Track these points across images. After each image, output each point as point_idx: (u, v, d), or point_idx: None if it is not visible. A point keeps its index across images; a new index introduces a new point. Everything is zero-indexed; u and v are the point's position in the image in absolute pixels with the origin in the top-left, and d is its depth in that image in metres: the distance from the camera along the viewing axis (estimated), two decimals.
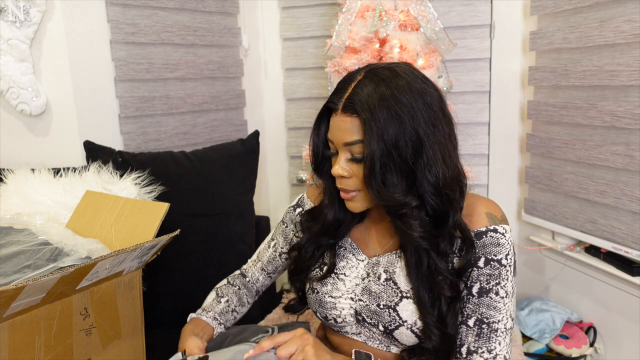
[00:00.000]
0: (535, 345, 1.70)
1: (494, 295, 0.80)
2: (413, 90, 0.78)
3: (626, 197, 1.50)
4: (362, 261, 0.92)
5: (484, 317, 0.80)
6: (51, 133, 1.62)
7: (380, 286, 0.86)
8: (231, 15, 2.02)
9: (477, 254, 0.81)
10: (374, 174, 0.78)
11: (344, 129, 0.80)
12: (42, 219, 1.13)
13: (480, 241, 0.81)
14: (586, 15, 1.59)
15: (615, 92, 1.52)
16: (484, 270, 0.81)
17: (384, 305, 0.84)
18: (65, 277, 0.80)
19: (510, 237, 0.83)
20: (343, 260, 0.93)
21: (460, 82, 1.91)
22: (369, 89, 0.78)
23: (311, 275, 0.95)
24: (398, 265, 0.86)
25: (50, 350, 0.86)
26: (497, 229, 0.82)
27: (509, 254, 0.82)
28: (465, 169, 1.86)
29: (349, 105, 0.79)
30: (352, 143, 0.80)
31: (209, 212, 1.55)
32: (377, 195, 0.79)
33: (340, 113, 0.80)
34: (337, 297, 0.90)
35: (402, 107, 0.77)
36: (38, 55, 1.56)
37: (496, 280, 0.80)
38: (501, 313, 0.80)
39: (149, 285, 1.15)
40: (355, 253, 0.93)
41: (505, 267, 0.81)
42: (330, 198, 0.93)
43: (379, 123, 0.76)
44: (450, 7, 1.89)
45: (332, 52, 1.70)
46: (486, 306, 0.80)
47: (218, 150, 1.67)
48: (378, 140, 0.76)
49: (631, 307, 1.56)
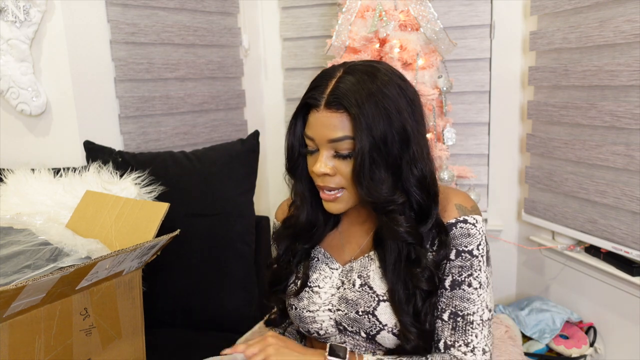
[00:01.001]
0: (535, 345, 1.70)
1: (467, 287, 0.79)
2: (395, 86, 0.78)
3: (626, 197, 1.50)
4: (336, 269, 0.90)
5: (457, 310, 0.79)
6: (51, 133, 1.62)
7: (356, 293, 0.85)
8: (231, 15, 2.02)
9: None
10: (364, 170, 0.76)
11: (328, 125, 0.78)
12: (42, 219, 1.13)
13: (451, 233, 0.81)
14: (586, 15, 1.59)
15: (615, 92, 1.52)
16: (455, 263, 0.80)
17: (362, 312, 0.83)
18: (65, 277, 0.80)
19: (481, 227, 0.82)
20: (316, 272, 0.91)
21: (460, 82, 1.91)
22: (353, 84, 0.76)
23: (287, 291, 0.93)
24: (371, 268, 0.85)
25: (50, 351, 0.86)
26: (466, 220, 0.81)
27: (480, 244, 0.81)
28: (465, 169, 1.86)
29: (334, 101, 0.77)
30: (339, 139, 0.77)
31: (209, 212, 1.55)
32: (366, 192, 0.78)
33: (323, 109, 0.78)
34: (315, 310, 0.88)
35: (389, 102, 0.76)
36: (38, 55, 1.56)
37: (468, 271, 0.80)
38: (475, 304, 0.79)
39: (149, 285, 1.15)
40: (328, 262, 0.92)
41: (477, 257, 0.80)
42: (302, 199, 0.91)
43: (368, 118, 0.75)
44: (450, 7, 1.89)
45: (332, 52, 1.70)
46: (459, 299, 0.79)
47: (218, 150, 1.67)
48: (367, 135, 0.75)
49: (631, 307, 1.56)
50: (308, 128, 0.82)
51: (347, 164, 0.79)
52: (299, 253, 0.93)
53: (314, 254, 0.94)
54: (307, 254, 0.93)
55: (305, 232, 0.92)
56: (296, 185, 0.92)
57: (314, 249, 0.94)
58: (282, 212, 1.02)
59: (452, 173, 1.68)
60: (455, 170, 1.72)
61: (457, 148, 1.93)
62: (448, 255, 0.81)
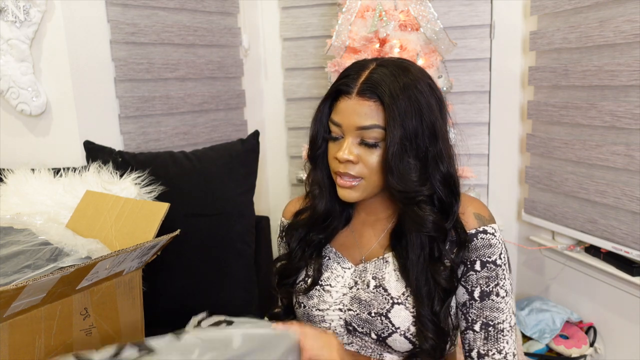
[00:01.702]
0: (535, 345, 1.70)
1: (495, 297, 0.81)
2: (426, 84, 0.81)
3: (626, 197, 1.50)
4: (349, 269, 0.89)
5: (489, 320, 0.81)
6: (51, 133, 1.62)
7: (370, 294, 0.84)
8: (231, 15, 2.02)
9: (471, 256, 0.82)
10: (396, 159, 0.77)
11: (359, 113, 0.79)
12: (42, 219, 1.13)
13: (472, 244, 0.82)
14: (586, 15, 1.59)
15: (615, 92, 1.52)
16: (481, 274, 0.81)
17: (375, 313, 0.82)
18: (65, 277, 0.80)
19: (500, 235, 0.84)
20: (327, 271, 0.90)
21: (460, 82, 1.91)
22: (387, 75, 0.78)
23: (297, 288, 0.92)
24: (386, 270, 0.85)
25: (50, 350, 0.86)
26: (486, 230, 0.83)
27: (502, 252, 0.83)
28: (465, 169, 1.87)
29: (368, 89, 0.78)
30: (368, 127, 0.78)
31: (209, 212, 1.55)
32: (398, 180, 0.78)
33: (355, 96, 0.79)
34: (325, 309, 0.88)
35: (421, 97, 0.78)
36: (38, 55, 1.56)
37: (495, 281, 0.81)
38: (504, 313, 0.81)
39: (149, 285, 1.15)
40: (340, 262, 0.91)
41: (501, 266, 0.82)
42: (321, 187, 0.90)
43: (401, 109, 0.76)
44: (450, 7, 1.89)
45: (332, 52, 1.70)
46: (489, 309, 0.81)
47: (218, 150, 1.67)
48: (400, 125, 0.76)
49: (631, 307, 1.56)
50: (336, 114, 0.82)
51: (371, 153, 0.80)
52: (313, 244, 0.92)
53: (325, 252, 0.93)
54: (319, 250, 0.92)
55: (322, 222, 0.91)
56: (315, 173, 0.91)
57: (325, 247, 0.93)
58: (292, 208, 1.00)
59: None
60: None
61: (457, 148, 1.92)
62: (471, 264, 0.82)
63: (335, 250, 0.93)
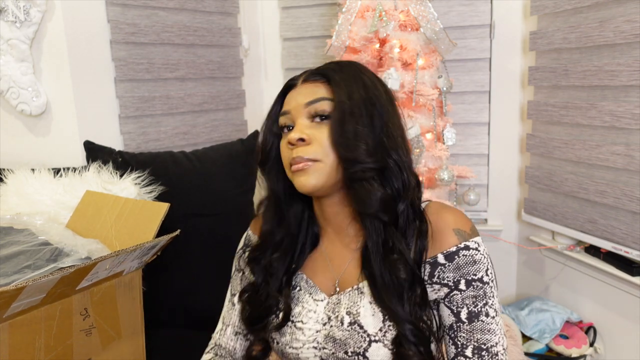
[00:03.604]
0: (535, 345, 1.70)
1: (485, 318, 0.75)
2: (374, 75, 0.84)
3: (626, 197, 1.50)
4: (321, 301, 0.83)
5: (481, 344, 0.74)
6: (51, 133, 1.62)
7: (345, 332, 0.78)
8: (231, 15, 2.02)
9: (454, 277, 0.76)
10: (344, 126, 0.76)
11: (305, 92, 0.80)
12: (42, 219, 1.13)
13: (453, 263, 0.76)
14: (586, 15, 1.59)
15: (615, 92, 1.52)
16: (467, 293, 0.75)
17: (352, 352, 0.76)
18: (65, 277, 0.80)
19: (484, 249, 0.77)
20: (299, 305, 0.84)
21: (460, 82, 1.91)
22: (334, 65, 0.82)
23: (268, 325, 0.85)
24: (361, 304, 0.78)
25: (50, 351, 0.86)
26: (468, 246, 0.76)
27: (488, 268, 0.77)
28: (465, 169, 1.86)
29: (313, 74, 0.82)
30: (316, 100, 0.78)
31: (209, 212, 1.55)
32: (345, 149, 0.75)
33: (301, 84, 0.82)
34: (299, 347, 0.82)
35: (366, 78, 0.81)
36: (38, 55, 1.56)
37: (483, 300, 0.75)
38: (496, 334, 0.75)
39: (149, 286, 1.15)
40: (312, 292, 0.84)
41: (488, 284, 0.76)
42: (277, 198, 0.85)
43: (347, 82, 0.79)
44: (450, 7, 1.89)
45: (332, 52, 1.70)
46: (480, 331, 0.75)
47: (218, 150, 1.67)
48: (346, 94, 0.77)
49: (631, 307, 1.56)
50: (284, 105, 0.83)
51: (323, 130, 0.78)
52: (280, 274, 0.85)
53: (296, 281, 0.86)
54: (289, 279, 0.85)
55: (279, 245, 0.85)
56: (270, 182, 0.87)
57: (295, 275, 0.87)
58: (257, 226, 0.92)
59: (452, 173, 1.68)
60: (455, 170, 1.72)
61: (457, 148, 1.93)
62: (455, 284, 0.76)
63: (306, 277, 0.86)
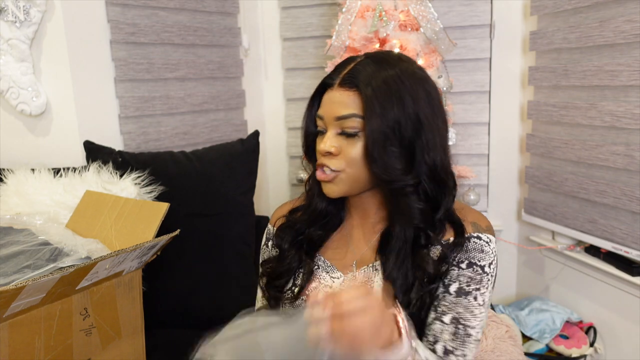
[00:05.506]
0: (535, 345, 1.70)
1: (472, 300, 0.78)
2: (415, 76, 0.79)
3: (626, 197, 1.50)
4: (338, 279, 0.86)
5: (460, 317, 0.78)
6: (51, 133, 1.62)
7: None
8: (231, 15, 2.02)
9: (460, 257, 0.80)
10: (377, 148, 0.75)
11: (338, 102, 0.78)
12: (42, 219, 1.13)
13: (464, 246, 0.80)
14: (586, 15, 1.59)
15: (615, 92, 1.52)
16: (465, 272, 0.79)
17: None
18: (65, 277, 0.80)
19: (494, 247, 0.81)
20: (315, 281, 0.87)
21: (460, 82, 1.91)
22: (371, 67, 0.78)
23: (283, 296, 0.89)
24: (375, 280, 0.82)
25: (50, 351, 0.86)
26: (480, 237, 0.81)
27: (492, 263, 0.80)
28: (465, 169, 1.86)
29: (348, 80, 0.78)
30: (346, 117, 0.77)
31: (209, 212, 1.55)
32: (382, 169, 0.76)
33: (336, 87, 0.79)
34: None
35: (404, 89, 0.77)
36: (38, 55, 1.56)
37: (477, 285, 0.79)
38: (476, 320, 0.78)
39: (149, 286, 1.15)
40: (329, 270, 0.87)
41: (488, 275, 0.80)
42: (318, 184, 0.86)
43: (380, 100, 0.75)
44: (450, 7, 1.89)
45: (332, 52, 1.70)
46: (464, 307, 0.78)
47: (218, 150, 1.67)
48: (379, 114, 0.75)
49: (631, 307, 1.56)
50: (320, 107, 0.82)
51: (351, 145, 0.78)
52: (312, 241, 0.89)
53: (315, 261, 0.90)
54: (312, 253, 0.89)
55: (321, 219, 0.89)
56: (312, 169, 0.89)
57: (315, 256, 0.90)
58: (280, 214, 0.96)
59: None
60: (455, 170, 1.72)
61: (457, 148, 1.93)
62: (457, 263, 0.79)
63: (324, 259, 0.89)
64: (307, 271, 0.87)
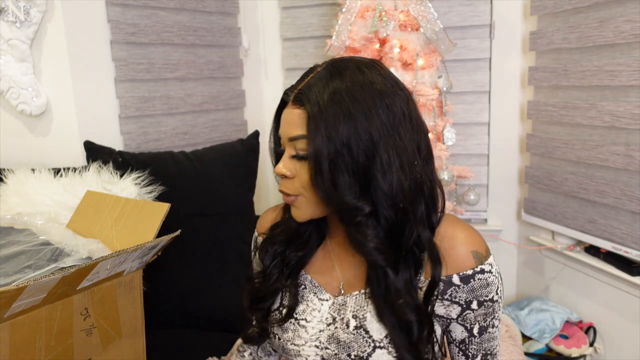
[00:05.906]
0: (535, 345, 1.70)
1: (492, 328, 0.80)
2: (373, 89, 0.70)
3: (626, 197, 1.50)
4: (326, 301, 0.82)
5: (487, 352, 0.81)
6: (51, 133, 1.62)
7: (350, 335, 0.76)
8: (231, 15, 2.02)
9: (467, 297, 0.76)
10: (322, 173, 0.69)
11: (290, 122, 0.72)
12: (42, 219, 1.13)
13: (468, 285, 0.75)
14: (586, 15, 1.59)
15: (615, 92, 1.52)
16: (479, 312, 0.77)
17: (355, 356, 0.76)
18: (66, 277, 0.80)
19: (496, 269, 0.77)
20: (303, 303, 0.83)
21: (460, 82, 1.91)
22: (323, 81, 0.71)
23: (270, 318, 0.85)
24: (368, 309, 0.77)
25: (51, 351, 0.86)
26: (484, 269, 0.75)
27: (499, 287, 0.78)
28: (465, 169, 1.86)
29: (298, 97, 0.72)
30: (296, 138, 0.72)
31: (209, 212, 1.55)
32: (326, 197, 0.71)
33: (290, 105, 0.73)
34: (301, 344, 0.81)
35: (355, 105, 0.69)
36: (38, 55, 1.56)
37: (491, 316, 0.79)
38: (497, 339, 0.82)
39: (149, 286, 1.15)
40: (317, 292, 0.83)
41: (497, 302, 0.78)
42: None
43: (327, 119, 0.68)
44: (450, 7, 1.89)
45: (332, 52, 1.70)
46: (487, 341, 0.80)
47: (218, 150, 1.67)
48: (325, 136, 0.68)
49: (631, 307, 1.56)
50: (279, 127, 0.77)
51: (304, 167, 0.73)
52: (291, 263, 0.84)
53: (300, 280, 0.85)
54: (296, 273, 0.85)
55: (298, 237, 0.84)
56: None
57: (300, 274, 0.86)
58: (267, 220, 0.92)
59: (452, 173, 1.68)
60: (455, 170, 1.73)
61: (457, 148, 1.93)
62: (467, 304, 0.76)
63: (311, 278, 0.85)
64: (292, 293, 0.83)
